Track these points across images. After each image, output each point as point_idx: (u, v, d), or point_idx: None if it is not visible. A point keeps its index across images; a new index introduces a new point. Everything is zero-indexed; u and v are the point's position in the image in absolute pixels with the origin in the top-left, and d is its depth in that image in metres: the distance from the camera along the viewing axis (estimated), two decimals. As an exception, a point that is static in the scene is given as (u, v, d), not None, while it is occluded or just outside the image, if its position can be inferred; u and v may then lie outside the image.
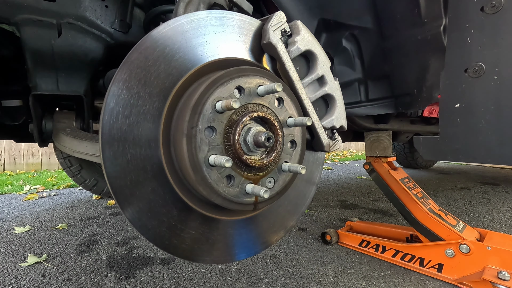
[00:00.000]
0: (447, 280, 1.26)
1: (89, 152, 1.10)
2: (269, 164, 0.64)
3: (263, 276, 1.31)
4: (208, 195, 0.57)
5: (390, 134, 1.65)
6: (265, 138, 0.57)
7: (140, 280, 1.27)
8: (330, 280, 1.28)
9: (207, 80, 0.59)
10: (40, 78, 1.12)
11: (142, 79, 0.57)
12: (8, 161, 4.88)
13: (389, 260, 1.46)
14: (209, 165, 0.56)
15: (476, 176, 4.17)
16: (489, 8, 0.84)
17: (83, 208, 2.44)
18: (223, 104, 0.55)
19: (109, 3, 1.11)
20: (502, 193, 3.01)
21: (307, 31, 0.73)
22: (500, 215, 2.26)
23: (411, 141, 3.36)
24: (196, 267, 1.39)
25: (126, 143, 0.56)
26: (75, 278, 1.29)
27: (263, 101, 0.63)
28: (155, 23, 1.15)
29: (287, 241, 1.72)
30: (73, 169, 2.40)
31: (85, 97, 1.22)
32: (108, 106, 0.54)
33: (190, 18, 0.63)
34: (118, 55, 0.99)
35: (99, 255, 1.53)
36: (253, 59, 0.71)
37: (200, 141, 0.55)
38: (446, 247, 1.29)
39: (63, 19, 1.01)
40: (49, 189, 3.31)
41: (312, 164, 0.86)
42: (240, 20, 0.70)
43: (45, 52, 1.04)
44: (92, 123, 1.35)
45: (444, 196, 2.89)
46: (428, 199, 1.52)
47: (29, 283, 1.25)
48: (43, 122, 1.32)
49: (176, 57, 0.60)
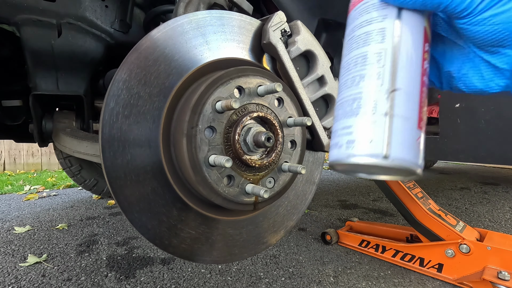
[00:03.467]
0: (447, 280, 1.26)
1: (89, 152, 1.10)
2: (269, 164, 0.64)
3: (263, 276, 1.31)
4: (208, 195, 0.57)
5: (390, 134, 1.64)
6: (265, 138, 0.57)
7: (140, 280, 1.27)
8: (330, 280, 1.28)
9: (207, 80, 0.59)
10: (40, 78, 1.12)
11: (142, 79, 0.57)
12: (8, 161, 4.89)
13: (389, 260, 1.46)
14: (209, 165, 0.56)
15: (476, 176, 4.17)
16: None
17: (83, 208, 2.44)
18: (223, 104, 0.55)
19: (109, 3, 1.11)
20: (502, 193, 3.01)
21: (307, 31, 0.73)
22: (500, 215, 2.26)
23: (411, 141, 3.35)
24: (196, 267, 1.39)
25: (126, 143, 0.56)
26: (75, 278, 1.29)
27: (263, 101, 0.63)
28: (155, 23, 1.15)
29: (287, 241, 1.72)
30: (73, 169, 2.39)
31: (85, 97, 1.22)
32: (108, 106, 0.54)
33: (190, 18, 0.63)
34: (118, 55, 0.99)
35: (99, 255, 1.53)
36: (253, 59, 0.71)
37: (200, 141, 0.55)
38: (446, 247, 1.29)
39: (63, 19, 1.01)
40: (49, 189, 3.31)
41: (312, 164, 0.86)
42: (240, 20, 0.70)
43: (45, 52, 1.04)
44: (92, 123, 1.35)
45: (444, 196, 2.88)
46: (428, 199, 1.52)
47: (29, 283, 1.25)
48: (43, 122, 1.32)
49: (176, 57, 0.60)
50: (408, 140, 0.30)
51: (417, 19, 0.33)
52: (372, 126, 0.31)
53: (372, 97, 0.32)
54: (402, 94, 0.31)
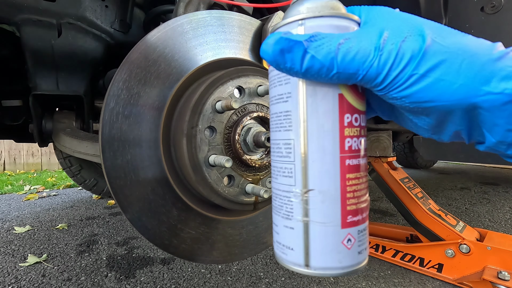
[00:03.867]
0: (447, 280, 1.26)
1: (89, 152, 1.10)
2: (269, 164, 0.64)
3: (263, 276, 1.31)
4: (208, 195, 0.57)
5: (390, 134, 1.65)
6: (265, 138, 0.57)
7: (140, 280, 1.27)
8: (330, 280, 1.28)
9: (207, 80, 0.59)
10: (40, 78, 1.12)
11: (142, 79, 0.57)
12: (8, 161, 4.88)
13: (389, 260, 1.46)
14: (209, 165, 0.56)
15: (476, 176, 4.17)
16: (489, 8, 0.84)
17: (83, 208, 2.44)
18: (223, 104, 0.55)
19: (109, 3, 1.11)
20: (502, 193, 3.01)
21: (307, 31, 0.73)
22: (500, 215, 2.26)
23: (411, 141, 3.36)
24: (196, 267, 1.39)
25: (126, 143, 0.56)
26: (75, 278, 1.29)
27: (263, 101, 0.63)
28: (155, 23, 1.15)
29: (287, 241, 1.72)
30: (73, 169, 2.39)
31: (85, 97, 1.22)
32: (108, 106, 0.54)
33: (190, 18, 0.63)
34: (118, 55, 0.99)
35: (99, 255, 1.53)
36: (253, 59, 0.71)
37: (200, 141, 0.55)
38: (446, 247, 1.29)
39: (63, 19, 1.01)
40: (49, 189, 3.31)
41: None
42: (240, 20, 0.70)
43: (45, 52, 1.04)
44: (92, 123, 1.35)
45: (444, 196, 2.88)
46: (428, 199, 1.52)
47: (29, 283, 1.25)
48: (43, 122, 1.32)
49: (176, 57, 0.60)
50: (329, 246, 0.27)
51: (328, 90, 0.27)
52: (290, 233, 0.28)
53: (288, 199, 0.28)
54: (316, 196, 0.27)
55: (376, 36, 0.26)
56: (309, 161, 0.27)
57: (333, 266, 0.27)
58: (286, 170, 0.28)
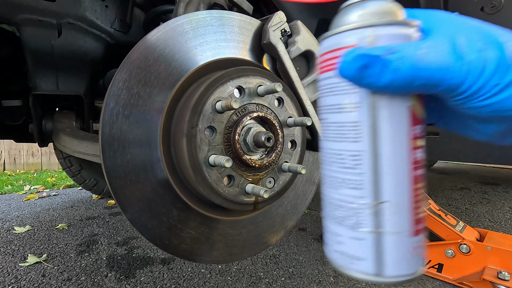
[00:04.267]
0: (447, 280, 1.26)
1: (89, 152, 1.10)
2: (269, 164, 0.64)
3: (263, 276, 1.31)
4: (208, 195, 0.57)
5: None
6: (265, 138, 0.57)
7: (140, 280, 1.27)
8: (330, 280, 1.28)
9: (207, 80, 0.59)
10: (40, 78, 1.12)
11: (142, 79, 0.57)
12: (8, 161, 4.88)
13: (389, 260, 1.46)
14: (209, 165, 0.56)
15: (476, 176, 4.17)
16: (489, 8, 0.84)
17: (83, 208, 2.44)
18: (223, 104, 0.55)
19: (109, 3, 1.11)
20: (502, 193, 3.01)
21: (307, 31, 0.73)
22: (500, 215, 2.26)
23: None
24: (196, 267, 1.39)
25: (126, 143, 0.56)
26: (75, 278, 1.29)
27: (263, 101, 0.63)
28: (155, 23, 1.15)
29: (287, 241, 1.72)
30: (73, 169, 2.39)
31: (85, 97, 1.22)
32: (108, 106, 0.54)
33: (190, 18, 0.63)
34: (118, 55, 0.99)
35: (99, 255, 1.53)
36: (253, 59, 0.71)
37: (200, 141, 0.55)
38: (446, 247, 1.29)
39: (63, 19, 1.01)
40: (49, 189, 3.31)
41: (312, 164, 0.86)
42: (240, 20, 0.70)
43: (45, 52, 1.04)
44: (92, 123, 1.35)
45: (444, 196, 2.88)
46: (428, 199, 1.52)
47: (29, 283, 1.25)
48: (43, 122, 1.32)
49: (176, 57, 0.60)
50: (402, 254, 0.27)
51: (400, 102, 0.27)
52: (360, 243, 0.27)
53: (355, 211, 0.28)
54: (389, 207, 0.27)
55: (451, 45, 0.25)
56: (381, 174, 0.26)
57: (404, 274, 0.27)
58: (352, 182, 0.28)
